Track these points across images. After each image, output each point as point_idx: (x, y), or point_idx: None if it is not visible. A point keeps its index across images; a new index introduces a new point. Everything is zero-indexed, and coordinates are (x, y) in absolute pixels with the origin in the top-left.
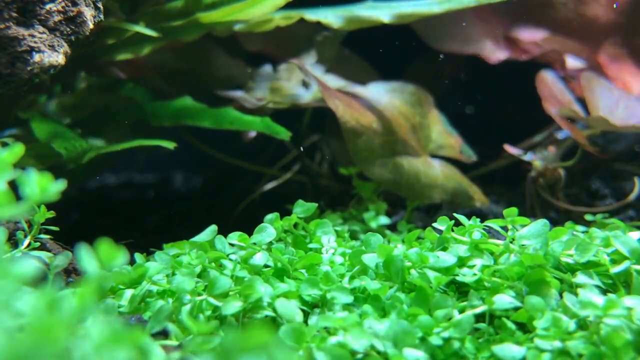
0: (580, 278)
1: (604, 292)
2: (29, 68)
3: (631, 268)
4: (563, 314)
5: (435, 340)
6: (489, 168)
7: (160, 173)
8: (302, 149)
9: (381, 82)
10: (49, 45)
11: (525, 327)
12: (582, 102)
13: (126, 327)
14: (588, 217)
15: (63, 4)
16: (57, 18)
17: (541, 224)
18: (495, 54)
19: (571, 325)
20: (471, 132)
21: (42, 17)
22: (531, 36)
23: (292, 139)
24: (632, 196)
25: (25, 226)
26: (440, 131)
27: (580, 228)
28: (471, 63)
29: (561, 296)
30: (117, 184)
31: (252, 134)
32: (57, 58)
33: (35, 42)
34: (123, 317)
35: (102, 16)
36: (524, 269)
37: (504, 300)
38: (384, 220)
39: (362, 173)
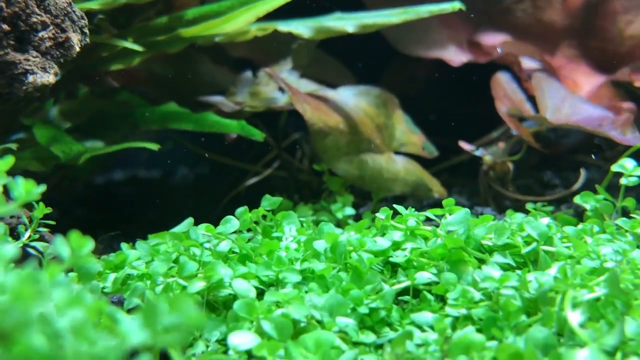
0: (496, 257)
1: (516, 268)
2: (24, 87)
3: (538, 248)
4: (472, 287)
5: (363, 309)
6: (453, 161)
7: (164, 168)
8: (281, 147)
9: (350, 86)
10: (41, 68)
11: (444, 299)
12: (534, 101)
13: (84, 294)
14: (529, 206)
15: (53, 31)
16: (48, 44)
17: (463, 212)
18: (458, 57)
19: (477, 295)
20: (441, 128)
21: (36, 43)
22: (492, 40)
23: (274, 137)
24: (576, 185)
25: (27, 221)
26: (404, 130)
27: (519, 215)
28: (443, 65)
29: None
30: (121, 179)
31: (233, 135)
32: (49, 78)
33: (29, 65)
34: (106, 296)
35: (88, 39)
36: (447, 250)
37: (424, 276)
38: (349, 211)
39: None
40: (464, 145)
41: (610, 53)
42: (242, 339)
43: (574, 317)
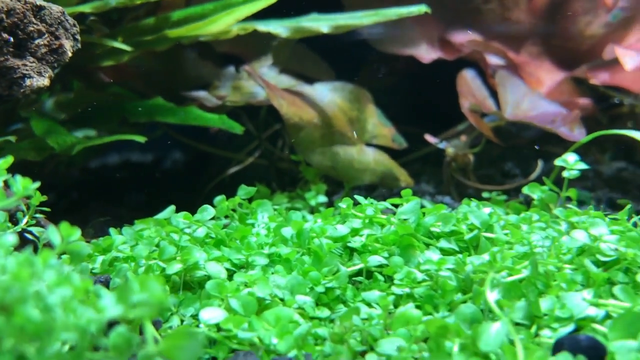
0: (442, 243)
1: (459, 253)
2: (22, 90)
3: (479, 234)
4: (416, 269)
5: (320, 289)
6: (423, 152)
7: (157, 152)
8: (262, 137)
9: (326, 82)
10: (37, 72)
11: (392, 279)
12: (497, 96)
13: (72, 275)
14: (485, 195)
15: (48, 38)
16: (43, 50)
17: (414, 202)
18: (429, 54)
19: (419, 276)
20: (413, 120)
21: (32, 50)
22: (461, 38)
23: (256, 128)
24: (533, 175)
25: (24, 207)
26: (375, 123)
27: (473, 204)
28: (416, 61)
29: None
30: (114, 164)
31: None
32: (44, 81)
33: (27, 70)
34: (95, 276)
35: (79, 45)
36: (398, 237)
37: (375, 259)
38: (322, 198)
39: None
40: (429, 138)
41: (572, 51)
42: (212, 314)
43: (492, 296)
